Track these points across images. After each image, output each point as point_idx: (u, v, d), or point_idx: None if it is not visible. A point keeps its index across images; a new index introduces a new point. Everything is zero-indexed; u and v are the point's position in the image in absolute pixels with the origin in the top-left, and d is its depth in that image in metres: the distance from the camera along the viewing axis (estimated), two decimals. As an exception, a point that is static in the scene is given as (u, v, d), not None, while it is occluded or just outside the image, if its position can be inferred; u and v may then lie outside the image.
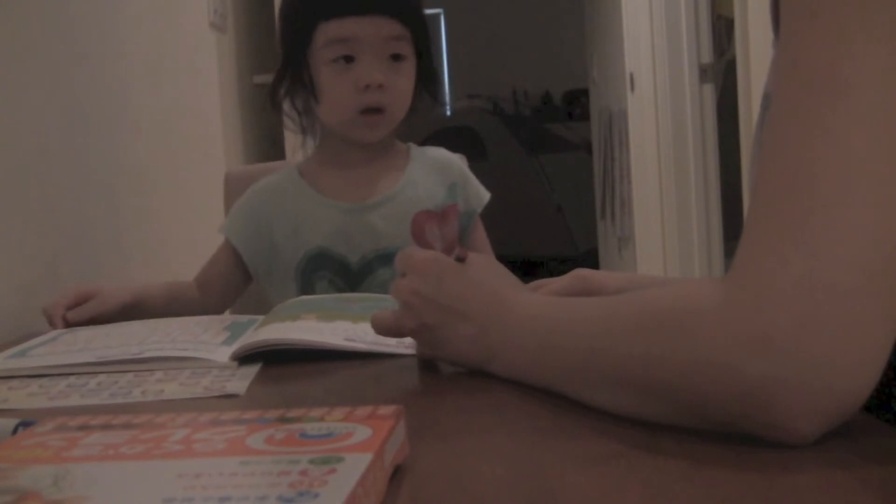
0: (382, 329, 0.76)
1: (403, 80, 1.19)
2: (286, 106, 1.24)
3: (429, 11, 1.25)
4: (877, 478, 0.45)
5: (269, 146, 2.77)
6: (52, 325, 1.06)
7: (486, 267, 0.74)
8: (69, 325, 1.06)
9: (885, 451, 0.48)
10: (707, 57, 3.30)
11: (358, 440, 0.44)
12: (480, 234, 1.34)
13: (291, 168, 1.28)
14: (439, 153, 1.31)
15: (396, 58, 1.17)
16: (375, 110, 1.17)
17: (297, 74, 1.20)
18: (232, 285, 1.25)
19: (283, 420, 0.48)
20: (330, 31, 1.16)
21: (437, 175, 1.27)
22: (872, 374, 0.46)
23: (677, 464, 0.47)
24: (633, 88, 3.56)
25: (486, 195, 1.31)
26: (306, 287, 1.21)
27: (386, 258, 1.20)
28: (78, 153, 1.43)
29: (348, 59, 1.16)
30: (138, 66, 1.74)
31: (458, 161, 1.32)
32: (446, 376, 0.73)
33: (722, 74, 3.37)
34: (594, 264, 4.48)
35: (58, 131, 1.37)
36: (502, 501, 0.45)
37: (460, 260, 0.74)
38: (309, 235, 1.21)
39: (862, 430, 0.50)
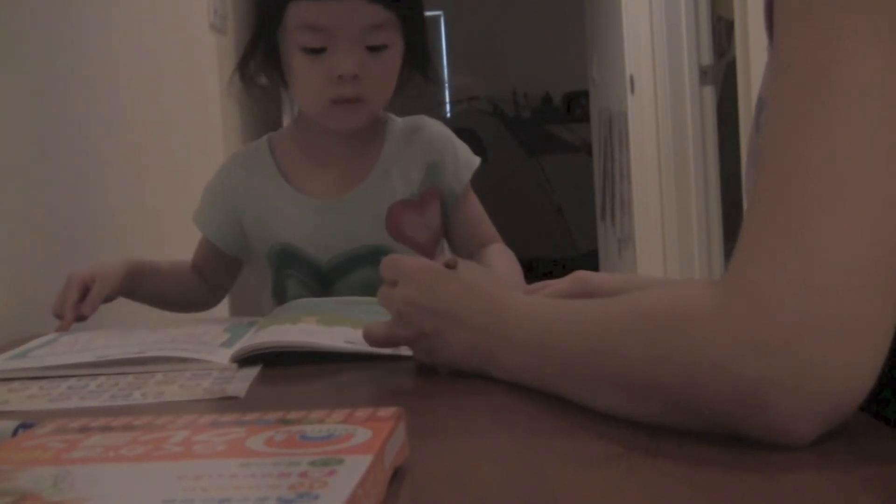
0: (376, 342, 0.76)
1: (384, 69, 1.09)
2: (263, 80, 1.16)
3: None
4: (877, 478, 0.45)
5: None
6: (62, 323, 1.05)
7: (477, 272, 0.74)
8: (84, 318, 1.05)
9: (885, 451, 0.48)
10: (707, 58, 3.30)
11: (358, 442, 0.44)
12: (471, 209, 1.22)
13: (262, 142, 1.20)
14: (418, 126, 1.19)
15: (374, 48, 1.07)
16: (351, 100, 1.08)
17: (267, 51, 1.11)
18: (219, 270, 1.22)
19: (283, 422, 0.48)
20: (302, 14, 1.05)
21: (414, 156, 1.17)
22: (869, 374, 0.46)
23: (677, 465, 0.47)
24: (633, 90, 3.56)
25: (469, 165, 1.20)
26: (278, 283, 1.17)
27: (359, 259, 1.14)
28: (77, 154, 1.43)
29: (319, 50, 1.06)
30: (138, 67, 1.74)
31: (438, 135, 1.19)
32: (446, 377, 0.72)
33: (722, 76, 3.37)
34: (594, 265, 4.48)
35: (57, 132, 1.37)
36: (502, 502, 0.45)
37: (450, 267, 0.74)
38: (275, 229, 1.15)
39: (862, 430, 0.50)
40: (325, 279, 1.16)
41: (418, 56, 1.14)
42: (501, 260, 1.20)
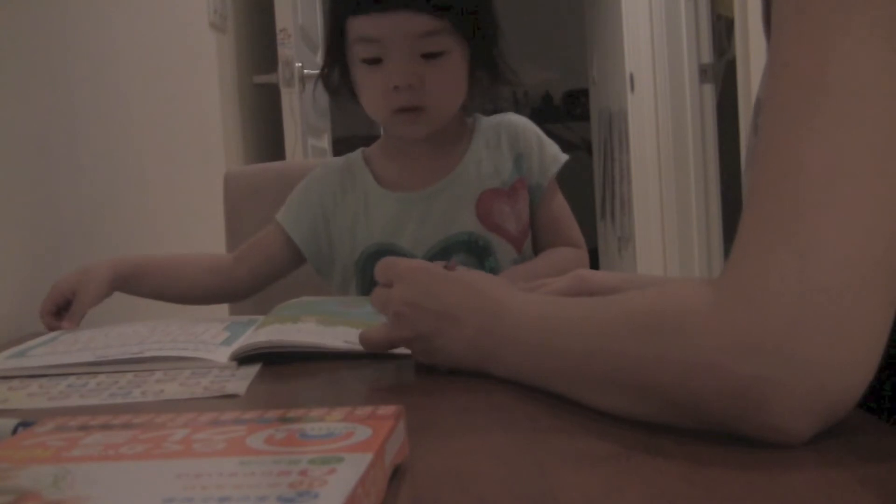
0: (374, 346, 0.76)
1: (443, 76, 1.08)
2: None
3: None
4: (875, 477, 0.45)
5: (269, 146, 2.77)
6: (50, 329, 1.05)
7: (475, 273, 0.75)
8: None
9: (884, 451, 0.48)
10: (707, 57, 3.30)
11: (358, 440, 0.44)
12: (556, 206, 1.22)
13: (356, 153, 1.22)
14: (506, 120, 1.20)
15: (431, 55, 1.07)
16: (411, 109, 1.09)
17: (339, 65, 1.14)
18: (274, 269, 1.19)
19: (283, 420, 0.48)
20: (356, 28, 1.07)
21: (503, 147, 1.18)
22: (865, 372, 0.47)
23: (677, 464, 0.47)
24: (633, 88, 3.56)
25: (556, 160, 1.20)
26: (367, 286, 1.15)
27: (454, 248, 1.13)
28: (78, 153, 1.43)
29: (376, 61, 1.07)
30: (138, 67, 1.74)
31: (525, 127, 1.20)
32: (446, 376, 0.73)
33: (722, 74, 3.37)
34: (594, 264, 4.47)
35: (58, 131, 1.37)
36: (502, 501, 0.45)
37: (449, 269, 0.74)
38: (368, 232, 1.15)
39: (861, 429, 0.50)
40: None
41: (483, 58, 1.14)
42: (547, 258, 1.18)
